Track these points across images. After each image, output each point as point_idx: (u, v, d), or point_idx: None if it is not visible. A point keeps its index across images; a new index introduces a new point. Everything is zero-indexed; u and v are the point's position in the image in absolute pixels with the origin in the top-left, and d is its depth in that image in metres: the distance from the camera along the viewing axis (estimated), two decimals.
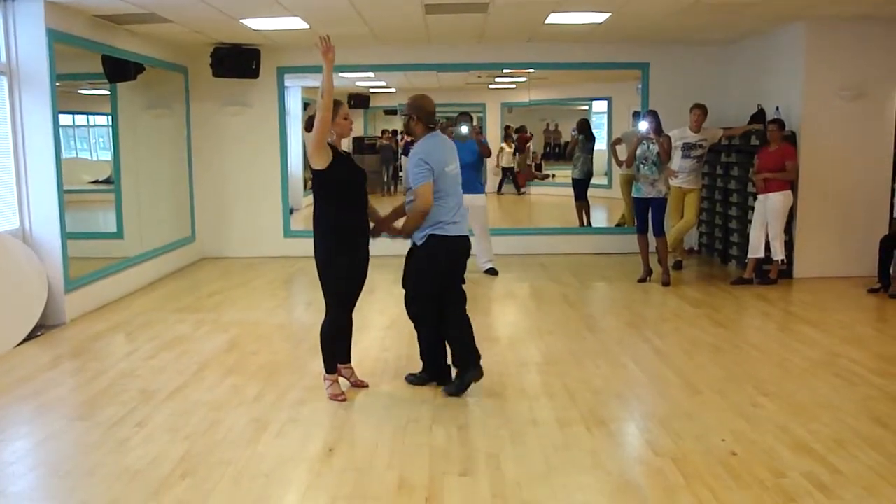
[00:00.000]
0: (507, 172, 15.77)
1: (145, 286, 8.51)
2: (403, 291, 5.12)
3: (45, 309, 6.69)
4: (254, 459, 4.00)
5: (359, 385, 5.12)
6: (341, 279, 4.83)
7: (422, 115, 4.91)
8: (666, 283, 8.21)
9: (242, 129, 10.24)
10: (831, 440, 4.13)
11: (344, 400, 4.88)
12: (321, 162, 4.64)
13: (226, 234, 10.36)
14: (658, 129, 8.22)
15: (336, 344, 4.99)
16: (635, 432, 4.45)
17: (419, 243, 4.91)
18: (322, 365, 4.99)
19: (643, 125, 8.33)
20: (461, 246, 4.96)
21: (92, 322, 7.00)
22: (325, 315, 4.92)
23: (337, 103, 4.74)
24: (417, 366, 5.28)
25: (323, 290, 4.88)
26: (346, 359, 5.15)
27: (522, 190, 15.71)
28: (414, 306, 5.06)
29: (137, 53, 8.51)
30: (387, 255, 10.13)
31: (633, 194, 8.47)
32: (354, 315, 5.05)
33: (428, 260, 4.91)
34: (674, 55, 10.06)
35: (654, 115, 8.31)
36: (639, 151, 8.24)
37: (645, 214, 8.32)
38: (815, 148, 8.34)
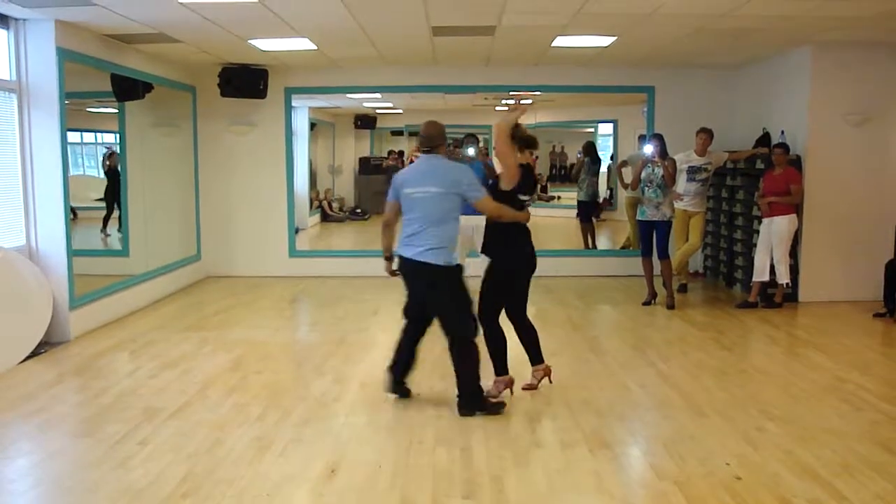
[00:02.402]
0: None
1: (150, 304, 8.52)
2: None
3: (50, 326, 6.70)
4: (256, 479, 3.98)
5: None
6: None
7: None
8: (670, 307, 8.19)
9: (249, 148, 10.28)
10: (837, 465, 4.11)
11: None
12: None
13: (231, 253, 10.37)
14: (663, 152, 8.24)
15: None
16: (639, 455, 4.43)
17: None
18: None
19: (648, 148, 8.36)
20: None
21: (96, 340, 7.00)
22: None
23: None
24: (420, 386, 5.29)
25: None
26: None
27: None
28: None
29: (146, 72, 8.58)
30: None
31: (638, 217, 8.48)
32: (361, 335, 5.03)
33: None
34: (679, 79, 10.10)
35: (659, 139, 8.34)
36: (643, 175, 8.26)
37: (649, 237, 8.32)
38: (821, 172, 8.35)
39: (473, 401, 4.94)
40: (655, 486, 3.90)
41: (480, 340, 5.04)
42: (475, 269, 5.60)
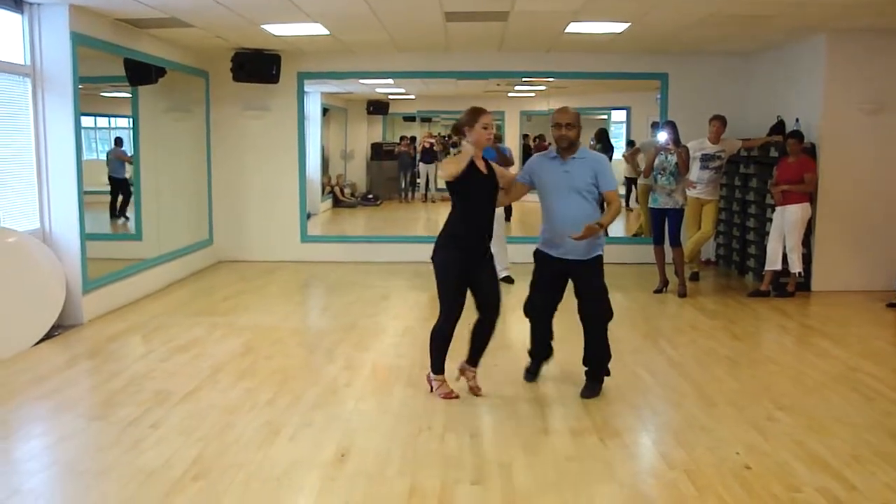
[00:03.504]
0: (631, 184, 13.98)
1: (162, 288, 8.56)
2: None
3: (63, 309, 6.74)
4: (266, 463, 4.01)
5: (473, 391, 5.09)
6: (442, 281, 4.91)
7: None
8: (682, 294, 8.18)
9: (262, 133, 10.29)
10: (847, 455, 4.10)
11: (456, 397, 4.96)
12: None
13: (243, 238, 10.40)
14: (676, 139, 8.20)
15: (443, 345, 4.99)
16: (649, 443, 4.43)
17: (596, 254, 5.04)
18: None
19: (662, 136, 8.32)
20: None
21: (108, 323, 7.04)
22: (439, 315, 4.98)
23: (477, 111, 4.85)
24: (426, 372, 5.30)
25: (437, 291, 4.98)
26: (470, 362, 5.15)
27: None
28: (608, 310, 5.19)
29: (159, 57, 8.58)
30: (401, 261, 10.18)
31: (650, 205, 8.45)
32: (369, 321, 5.02)
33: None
34: (693, 66, 10.03)
35: (671, 126, 8.30)
36: (656, 162, 8.23)
37: (661, 225, 8.29)
38: (835, 160, 8.29)
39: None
40: (665, 474, 3.91)
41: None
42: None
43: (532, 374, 5.39)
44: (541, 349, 5.40)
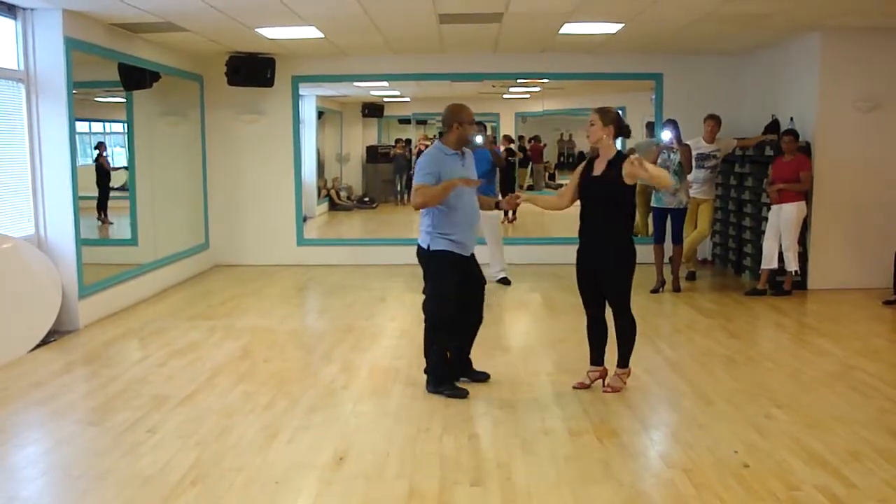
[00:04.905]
0: None
1: (159, 293, 8.55)
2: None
3: (59, 315, 6.72)
4: (264, 467, 4.00)
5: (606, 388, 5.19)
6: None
7: None
8: (677, 289, 8.29)
9: (257, 137, 10.28)
10: (846, 453, 4.09)
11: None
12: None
13: (239, 242, 10.39)
14: (678, 137, 8.21)
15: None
16: (647, 443, 4.42)
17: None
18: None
19: (666, 134, 8.30)
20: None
21: (105, 328, 7.03)
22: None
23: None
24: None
25: None
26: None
27: None
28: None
29: (153, 62, 8.57)
30: (398, 263, 10.16)
31: (653, 204, 8.44)
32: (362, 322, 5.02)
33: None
34: (688, 65, 10.04)
35: (674, 124, 8.29)
36: (659, 161, 8.22)
37: (664, 224, 8.30)
38: (830, 159, 8.29)
39: (435, 381, 5.10)
40: (663, 473, 3.91)
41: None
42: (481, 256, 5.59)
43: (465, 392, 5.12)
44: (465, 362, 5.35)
